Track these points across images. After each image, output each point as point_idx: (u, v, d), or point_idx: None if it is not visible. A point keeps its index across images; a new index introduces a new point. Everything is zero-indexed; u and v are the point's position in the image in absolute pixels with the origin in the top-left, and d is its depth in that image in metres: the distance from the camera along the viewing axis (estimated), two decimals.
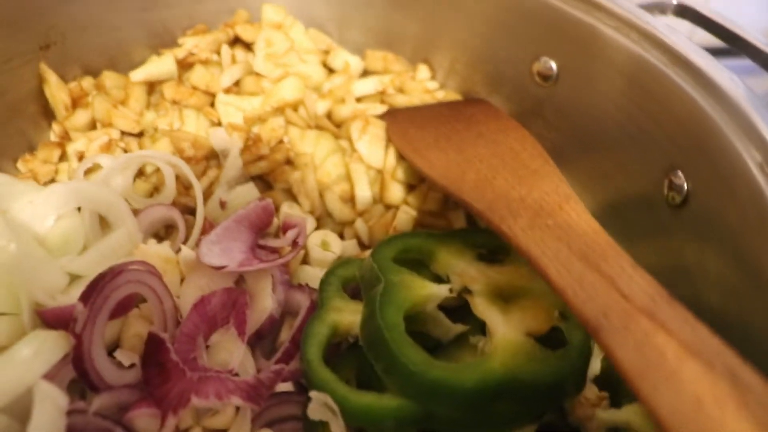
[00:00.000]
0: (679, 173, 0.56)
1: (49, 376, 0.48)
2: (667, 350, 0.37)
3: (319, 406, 0.47)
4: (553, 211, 0.50)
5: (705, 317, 0.51)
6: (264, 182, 0.65)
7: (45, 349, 0.48)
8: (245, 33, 0.71)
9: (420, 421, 0.46)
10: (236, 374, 0.51)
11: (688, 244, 0.56)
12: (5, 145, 0.64)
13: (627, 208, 0.64)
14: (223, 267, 0.53)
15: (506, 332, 0.49)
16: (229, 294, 0.54)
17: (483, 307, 0.51)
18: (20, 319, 0.50)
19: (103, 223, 0.59)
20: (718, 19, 0.66)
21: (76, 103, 0.66)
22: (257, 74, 0.69)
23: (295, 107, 0.65)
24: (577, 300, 0.41)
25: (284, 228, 0.58)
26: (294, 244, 0.57)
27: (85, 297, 0.49)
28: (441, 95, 0.74)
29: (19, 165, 0.64)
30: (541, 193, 0.52)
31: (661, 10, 0.70)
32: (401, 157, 0.64)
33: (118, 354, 0.52)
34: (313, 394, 0.47)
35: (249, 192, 0.61)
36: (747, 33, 0.64)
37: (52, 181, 0.64)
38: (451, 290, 0.53)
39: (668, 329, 0.38)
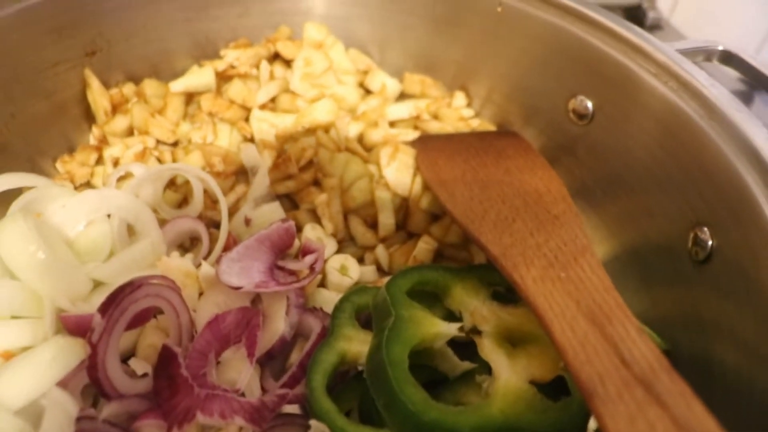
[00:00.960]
0: (705, 229, 0.56)
1: (65, 381, 0.51)
2: (659, 425, 0.37)
3: None
4: (567, 263, 0.50)
5: (713, 371, 0.52)
6: (291, 201, 0.66)
7: (63, 355, 0.51)
8: (286, 50, 0.73)
9: None
10: (242, 394, 0.52)
11: (707, 299, 0.56)
12: (47, 144, 0.67)
13: (649, 254, 0.63)
14: (239, 288, 0.54)
15: (510, 377, 0.50)
16: (244, 314, 0.55)
17: (489, 350, 0.52)
18: (43, 323, 0.53)
19: (131, 232, 0.62)
20: (763, 69, 0.65)
21: (116, 108, 0.68)
22: (293, 92, 0.70)
23: (326, 129, 0.67)
24: (576, 361, 0.41)
25: (303, 252, 0.59)
26: (311, 269, 0.58)
27: (104, 308, 0.51)
28: (476, 124, 0.74)
29: (58, 165, 0.67)
30: (558, 242, 0.52)
31: (707, 56, 0.69)
32: (426, 185, 0.65)
33: (132, 362, 0.55)
34: (312, 422, 0.49)
35: (274, 211, 0.63)
36: None
37: (88, 183, 0.66)
38: (461, 329, 0.53)
39: (663, 403, 0.38)
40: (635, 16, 1.14)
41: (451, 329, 0.53)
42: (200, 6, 0.71)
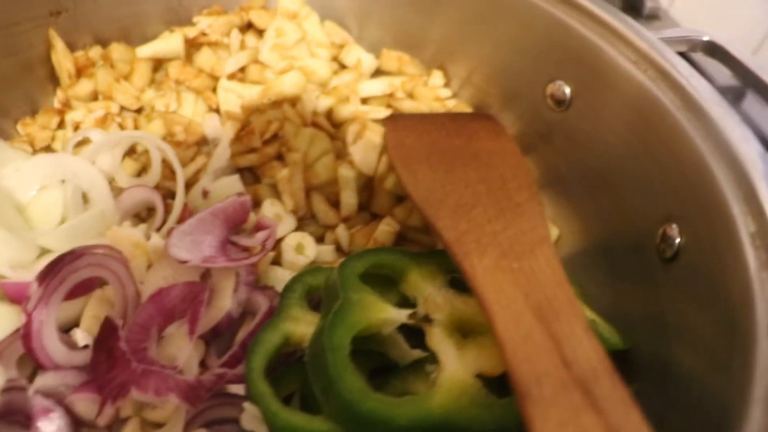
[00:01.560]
0: (674, 226, 0.54)
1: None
2: None
3: (251, 417, 0.47)
4: (523, 254, 0.48)
5: (671, 372, 0.50)
6: (253, 174, 0.64)
7: None
8: (259, 19, 0.70)
9: None
10: (181, 371, 0.50)
11: (672, 298, 0.54)
12: (9, 104, 0.66)
13: (619, 249, 0.61)
14: (186, 261, 0.52)
15: (456, 370, 0.48)
16: (191, 288, 0.54)
17: (438, 339, 0.50)
18: None
19: (86, 199, 0.60)
20: (747, 62, 0.62)
21: (81, 72, 0.66)
22: (263, 63, 0.68)
23: (293, 102, 0.64)
24: (514, 359, 0.39)
25: (257, 228, 0.57)
26: (263, 245, 0.56)
27: (42, 277, 0.49)
28: (452, 104, 0.72)
29: (19, 127, 0.65)
30: (516, 231, 0.50)
31: (692, 47, 0.66)
32: (392, 166, 0.62)
33: (74, 333, 0.53)
34: (246, 405, 0.47)
35: (233, 184, 0.61)
36: None
37: (48, 147, 0.64)
38: (412, 316, 0.51)
39: (599, 409, 0.36)
40: (633, 5, 1.10)
41: (401, 316, 0.50)
42: None
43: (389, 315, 0.50)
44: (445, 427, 0.45)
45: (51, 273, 0.49)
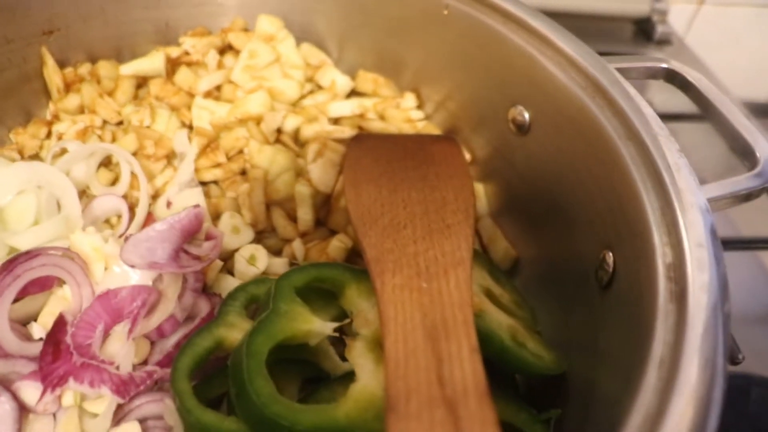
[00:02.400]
0: (610, 254, 0.55)
1: None
2: None
3: (172, 413, 0.51)
4: (435, 274, 0.50)
5: (595, 394, 0.51)
6: (220, 188, 0.68)
7: None
8: (237, 40, 0.74)
9: None
10: (117, 367, 0.54)
11: (604, 324, 0.55)
12: (4, 115, 0.71)
13: (566, 276, 0.62)
14: (133, 266, 0.56)
15: (368, 383, 0.50)
16: (139, 291, 0.57)
17: (358, 353, 0.52)
18: None
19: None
20: (706, 91, 0.62)
21: (69, 87, 0.72)
22: (235, 83, 0.72)
23: (258, 121, 0.68)
24: (393, 374, 0.42)
25: (207, 238, 0.61)
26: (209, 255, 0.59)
27: None
28: (421, 126, 0.74)
29: (11, 135, 0.71)
30: (437, 253, 0.52)
31: (652, 74, 0.66)
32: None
33: (31, 326, 0.58)
34: (166, 400, 0.50)
35: (195, 197, 0.65)
36: (724, 107, 0.60)
37: (36, 156, 0.70)
38: (337, 329, 0.53)
39: (458, 427, 0.38)
40: (644, 29, 1.10)
41: (326, 328, 0.53)
42: None
43: (314, 327, 0.53)
44: None
45: (5, 270, 0.54)
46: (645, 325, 0.46)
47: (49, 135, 0.71)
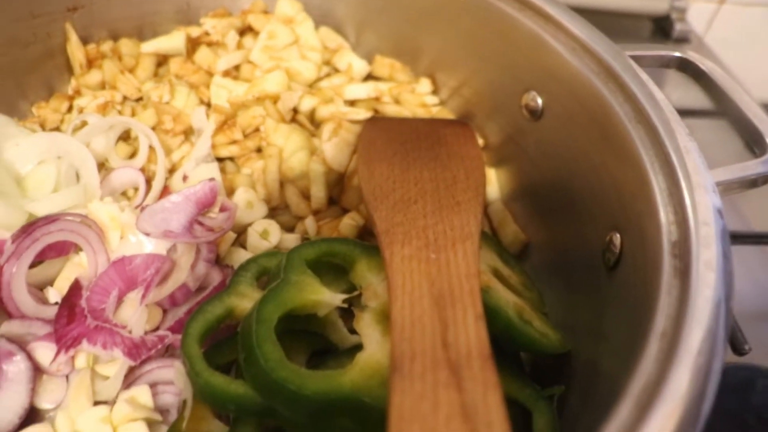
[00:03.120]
0: (617, 235, 0.56)
1: None
2: (444, 407, 0.38)
3: (181, 376, 0.52)
4: (443, 246, 0.51)
5: (597, 372, 0.52)
6: (234, 164, 0.69)
7: None
8: (257, 22, 0.76)
9: (262, 413, 0.50)
10: (130, 331, 0.56)
11: (610, 306, 0.55)
12: (27, 89, 0.74)
13: (575, 258, 0.64)
14: (148, 234, 0.58)
15: (375, 352, 0.51)
16: (153, 259, 0.59)
17: (365, 324, 0.53)
18: None
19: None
20: (715, 77, 0.63)
21: (92, 63, 0.74)
22: (254, 63, 0.74)
23: (274, 100, 0.69)
24: (399, 337, 0.43)
25: (221, 209, 0.62)
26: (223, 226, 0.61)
27: (16, 236, 0.56)
28: (435, 111, 0.76)
29: (34, 109, 0.73)
30: (446, 227, 0.53)
31: (665, 63, 0.67)
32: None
33: (47, 290, 0.60)
34: (177, 364, 0.52)
35: (211, 171, 0.66)
36: (736, 95, 0.61)
37: (57, 129, 0.72)
38: (345, 301, 0.55)
39: (461, 387, 0.39)
40: (663, 27, 1.11)
41: (335, 299, 0.54)
42: None
43: (323, 297, 0.54)
44: (351, 403, 0.48)
45: (24, 233, 0.56)
46: (649, 302, 0.46)
47: (70, 109, 0.73)
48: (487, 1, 0.69)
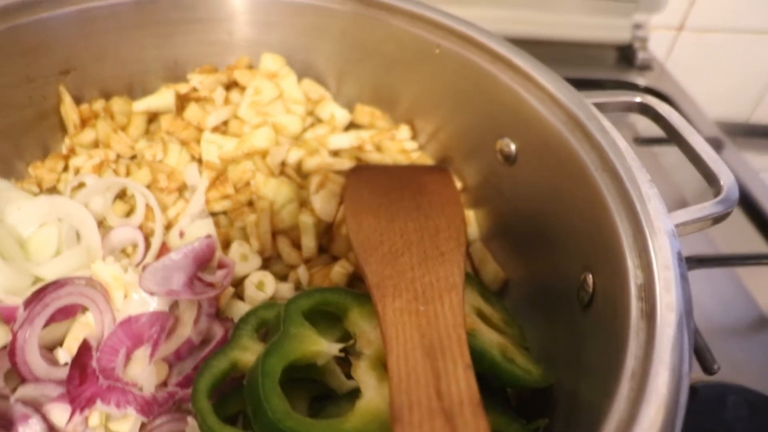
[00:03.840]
0: (590, 275, 0.61)
1: None
2: None
3: (193, 430, 0.57)
4: (431, 298, 0.56)
5: (579, 404, 0.57)
6: (228, 218, 0.74)
7: None
8: (242, 78, 0.81)
9: None
10: (140, 389, 0.60)
11: (587, 340, 0.60)
12: (23, 149, 0.78)
13: (552, 296, 0.69)
14: (152, 293, 0.63)
15: (373, 398, 0.56)
16: (158, 317, 0.64)
17: (362, 371, 0.58)
18: None
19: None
20: (672, 121, 0.69)
21: (85, 122, 0.78)
22: (241, 118, 0.79)
23: (263, 155, 0.74)
24: (396, 389, 0.48)
25: (219, 266, 0.67)
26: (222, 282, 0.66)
27: (28, 302, 0.60)
28: (415, 156, 0.81)
29: (30, 169, 0.77)
30: (432, 278, 0.58)
31: (627, 108, 0.73)
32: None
33: (57, 351, 0.64)
34: (190, 419, 0.57)
35: (206, 227, 0.71)
36: (691, 138, 0.67)
37: (54, 188, 0.76)
38: (342, 350, 0.60)
39: None
40: (626, 55, 1.18)
41: (333, 349, 0.59)
42: (167, 34, 0.80)
43: (321, 348, 0.59)
44: None
45: (36, 299, 0.60)
46: (620, 340, 0.52)
47: (65, 168, 0.77)
48: (459, 54, 0.74)
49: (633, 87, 1.13)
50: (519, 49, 0.72)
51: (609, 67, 1.16)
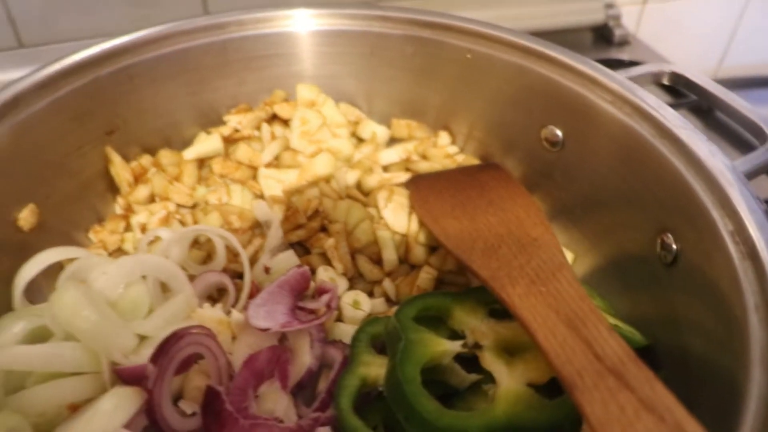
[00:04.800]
0: (669, 235, 0.67)
1: (127, 424, 0.61)
2: (628, 406, 0.48)
3: None
4: (547, 279, 0.61)
5: (690, 363, 0.63)
6: (302, 247, 0.78)
7: (124, 402, 0.62)
8: (282, 111, 0.85)
9: None
10: (281, 421, 0.63)
11: (678, 298, 0.66)
12: (79, 217, 0.79)
13: (626, 261, 0.74)
14: (267, 329, 0.66)
15: (509, 383, 0.61)
16: (274, 351, 0.66)
17: (490, 361, 0.63)
18: (101, 376, 0.64)
19: (164, 289, 0.73)
20: (707, 86, 0.77)
21: (138, 179, 0.80)
22: (294, 149, 0.82)
23: (327, 180, 0.78)
24: (557, 361, 0.52)
25: (319, 292, 0.70)
26: (328, 306, 0.69)
27: (155, 358, 0.62)
28: (461, 159, 0.86)
29: (90, 235, 0.78)
30: (538, 262, 0.64)
31: (657, 79, 0.81)
32: (422, 223, 0.76)
33: (181, 404, 0.66)
34: None
35: (289, 258, 0.74)
36: (728, 98, 0.74)
37: (119, 249, 0.78)
38: (464, 345, 0.64)
39: (631, 387, 0.49)
40: (603, 34, 1.27)
41: (455, 346, 0.64)
42: (201, 80, 0.84)
43: (446, 347, 0.64)
44: (510, 430, 0.58)
45: (161, 354, 0.62)
46: (724, 284, 0.58)
47: (126, 228, 0.79)
48: (491, 55, 0.81)
49: (620, 62, 1.21)
50: (548, 42, 0.79)
51: (588, 47, 1.25)
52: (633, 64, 1.10)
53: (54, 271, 0.73)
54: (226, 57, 0.84)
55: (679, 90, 0.93)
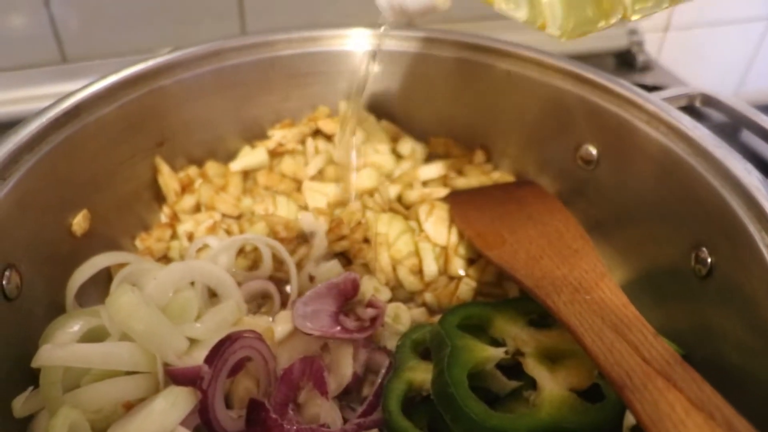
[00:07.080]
0: (704, 249, 0.69)
1: (181, 423, 0.64)
2: (677, 405, 0.50)
3: None
4: (590, 288, 0.64)
5: (725, 374, 0.65)
6: (345, 258, 0.81)
7: (179, 401, 0.64)
8: (326, 126, 0.89)
9: None
10: (327, 426, 0.66)
11: (713, 310, 0.68)
12: (126, 225, 0.82)
13: (659, 275, 0.77)
14: (311, 334, 0.69)
15: (553, 388, 0.64)
16: (305, 363, 0.68)
17: (533, 367, 0.66)
18: (155, 376, 0.67)
19: (210, 293, 0.76)
20: (737, 107, 0.80)
21: (185, 189, 0.83)
22: (336, 163, 0.86)
23: (371, 193, 0.82)
24: (606, 364, 0.55)
25: (368, 304, 0.73)
26: (372, 321, 0.72)
27: (210, 360, 0.65)
28: (496, 176, 0.90)
29: (137, 243, 0.82)
30: (580, 272, 0.67)
31: (690, 100, 0.85)
32: (462, 235, 0.80)
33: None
34: None
35: (334, 267, 0.77)
36: (759, 118, 0.78)
37: (165, 256, 0.81)
38: (506, 352, 0.67)
39: (679, 387, 0.52)
40: (626, 60, 1.31)
41: (499, 353, 0.66)
42: (247, 96, 0.87)
43: (490, 353, 0.66)
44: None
45: (216, 356, 0.65)
46: (761, 297, 0.61)
47: (173, 236, 0.82)
48: (528, 77, 0.84)
49: (642, 87, 1.25)
50: (585, 64, 0.83)
51: (611, 72, 1.28)
52: (655, 88, 1.14)
53: (100, 277, 0.76)
54: (272, 73, 0.88)
55: (702, 112, 0.97)
